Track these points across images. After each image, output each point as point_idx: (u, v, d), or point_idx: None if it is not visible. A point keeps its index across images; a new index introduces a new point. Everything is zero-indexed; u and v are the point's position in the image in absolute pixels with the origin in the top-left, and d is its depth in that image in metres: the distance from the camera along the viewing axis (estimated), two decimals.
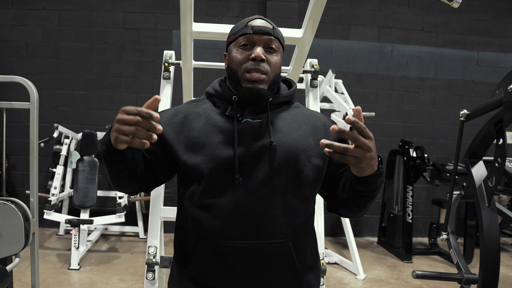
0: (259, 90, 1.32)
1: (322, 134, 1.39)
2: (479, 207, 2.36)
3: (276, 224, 1.28)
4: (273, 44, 1.36)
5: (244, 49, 1.35)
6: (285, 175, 1.30)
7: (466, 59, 6.24)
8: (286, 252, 1.31)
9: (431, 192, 6.11)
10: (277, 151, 1.30)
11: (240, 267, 1.29)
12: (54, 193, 4.62)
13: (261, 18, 1.39)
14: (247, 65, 1.33)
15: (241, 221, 1.27)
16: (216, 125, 1.34)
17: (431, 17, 6.14)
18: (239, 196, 1.27)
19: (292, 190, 1.31)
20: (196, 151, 1.31)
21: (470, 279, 2.38)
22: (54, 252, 4.72)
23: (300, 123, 1.40)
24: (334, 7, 5.95)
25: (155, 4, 5.82)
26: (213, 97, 1.43)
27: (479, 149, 2.49)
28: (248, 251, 1.28)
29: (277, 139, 1.32)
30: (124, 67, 5.84)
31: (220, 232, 1.28)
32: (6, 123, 5.58)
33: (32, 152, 2.61)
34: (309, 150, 1.34)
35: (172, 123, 1.36)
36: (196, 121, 1.36)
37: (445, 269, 4.72)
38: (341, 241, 5.70)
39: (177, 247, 1.42)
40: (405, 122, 6.09)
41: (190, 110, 1.40)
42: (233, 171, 1.27)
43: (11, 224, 2.40)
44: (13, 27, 5.76)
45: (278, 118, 1.38)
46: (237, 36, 1.37)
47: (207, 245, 1.30)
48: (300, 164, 1.32)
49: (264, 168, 1.29)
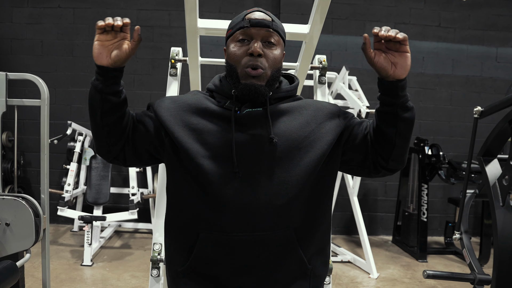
0: (257, 87, 1.28)
1: (323, 116, 1.35)
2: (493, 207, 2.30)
3: (278, 213, 1.26)
4: (272, 38, 1.31)
5: (242, 44, 1.31)
6: (287, 164, 1.27)
7: (485, 55, 6.11)
8: (289, 241, 1.28)
9: (448, 190, 6.02)
10: (278, 141, 1.27)
11: (243, 258, 1.27)
12: (68, 189, 4.65)
13: (260, 11, 1.35)
14: (245, 60, 1.29)
15: (243, 213, 1.25)
16: (214, 115, 1.31)
17: (448, 12, 6.03)
18: (240, 187, 1.25)
19: (294, 179, 1.27)
20: (193, 136, 1.28)
21: (483, 280, 2.32)
22: (67, 248, 4.76)
23: (301, 110, 1.36)
24: (349, 3, 5.89)
25: (169, 1, 5.83)
26: (213, 93, 1.40)
27: (493, 147, 2.43)
28: (251, 242, 1.26)
29: (277, 129, 1.29)
30: (138, 65, 5.86)
31: (222, 225, 1.26)
32: (22, 120, 5.67)
33: (43, 149, 2.62)
34: (311, 136, 1.30)
35: (169, 108, 1.34)
36: (194, 109, 1.33)
37: (460, 269, 4.64)
38: (355, 239, 5.65)
39: (171, 246, 1.39)
40: (421, 120, 5.99)
41: (189, 98, 1.37)
42: (232, 162, 1.25)
43: (21, 220, 2.42)
44: (29, 25, 5.82)
45: (279, 109, 1.34)
46: (235, 30, 1.33)
47: (209, 237, 1.27)
48: (302, 151, 1.29)
49: (265, 158, 1.27)
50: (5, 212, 2.41)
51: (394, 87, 1.22)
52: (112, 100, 1.25)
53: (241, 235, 1.25)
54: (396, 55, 1.20)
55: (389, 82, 1.22)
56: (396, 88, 1.22)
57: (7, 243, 2.44)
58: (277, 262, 1.29)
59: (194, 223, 1.30)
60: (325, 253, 1.42)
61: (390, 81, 1.22)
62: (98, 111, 1.26)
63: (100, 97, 1.24)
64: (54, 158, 5.64)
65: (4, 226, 2.41)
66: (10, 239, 2.43)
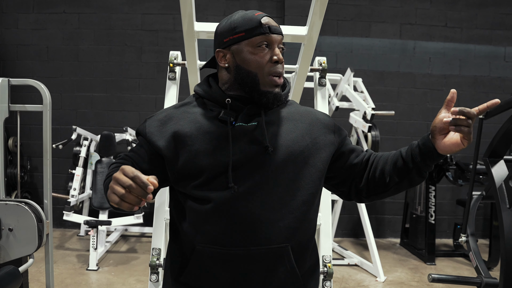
0: (280, 96, 1.30)
1: (318, 130, 1.35)
2: (500, 208, 2.27)
3: (274, 228, 1.24)
4: (282, 43, 1.32)
5: (263, 50, 1.28)
6: (282, 179, 1.25)
7: (492, 54, 6.04)
8: (285, 256, 1.26)
9: (456, 192, 5.95)
10: (273, 154, 1.25)
11: (238, 273, 1.26)
12: (74, 194, 4.66)
13: (268, 16, 1.33)
14: (270, 68, 1.28)
15: (239, 228, 1.23)
16: (208, 132, 1.27)
17: (455, 12, 5.97)
18: (236, 202, 1.23)
19: (290, 194, 1.26)
20: (190, 159, 1.26)
21: (490, 283, 2.28)
22: (74, 253, 4.77)
23: (296, 122, 1.34)
24: (354, 4, 5.85)
25: (173, 5, 5.83)
26: (204, 99, 1.35)
27: (499, 148, 2.40)
28: (246, 257, 1.24)
29: (273, 142, 1.27)
30: (143, 69, 5.87)
31: (218, 239, 1.24)
32: (28, 125, 5.70)
33: (45, 154, 2.63)
34: (306, 151, 1.29)
35: (163, 132, 1.30)
36: (187, 128, 1.28)
37: (469, 271, 4.58)
38: (362, 242, 5.60)
39: (172, 253, 1.38)
40: (428, 121, 5.93)
41: (180, 116, 1.32)
42: (228, 178, 1.23)
43: (24, 225, 2.42)
44: (34, 31, 5.85)
45: (273, 120, 1.31)
46: (252, 35, 1.28)
47: (204, 251, 1.26)
48: (298, 166, 1.27)
49: (261, 172, 1.24)
50: (8, 217, 2.41)
51: (436, 158, 1.25)
52: None
53: (237, 249, 1.24)
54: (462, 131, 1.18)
55: (437, 154, 1.24)
56: (435, 160, 1.25)
57: (10, 248, 2.44)
58: (272, 277, 1.27)
59: (191, 236, 1.28)
60: (317, 270, 1.42)
61: (439, 153, 1.24)
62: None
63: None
64: (61, 162, 5.66)
65: (7, 231, 2.41)
66: (13, 244, 2.43)
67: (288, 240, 1.26)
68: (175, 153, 1.27)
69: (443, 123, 1.18)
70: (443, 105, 1.20)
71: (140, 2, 5.84)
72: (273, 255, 1.25)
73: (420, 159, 1.25)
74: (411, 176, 1.28)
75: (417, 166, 1.26)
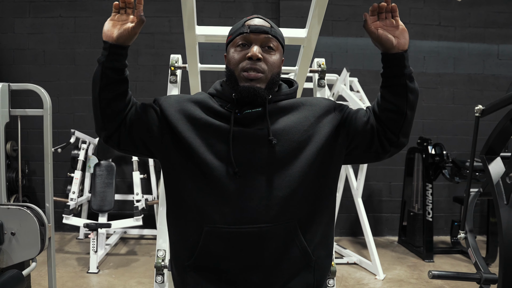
0: (256, 89, 1.32)
1: (320, 110, 1.39)
2: (497, 205, 2.30)
3: (281, 205, 1.29)
4: (271, 43, 1.35)
5: (241, 49, 1.35)
6: (288, 158, 1.31)
7: (486, 52, 6.10)
8: (292, 232, 1.31)
9: (452, 189, 6.00)
10: (278, 139, 1.31)
11: (247, 250, 1.29)
12: (73, 197, 4.67)
13: (259, 17, 1.38)
14: (244, 64, 1.33)
15: (246, 205, 1.27)
16: (217, 113, 1.35)
17: (448, 11, 6.02)
18: (242, 181, 1.28)
19: (296, 171, 1.30)
20: (196, 131, 1.32)
21: (489, 279, 2.31)
22: (73, 256, 4.78)
23: (298, 106, 1.40)
24: (348, 4, 5.89)
25: (169, 8, 5.85)
26: (215, 97, 1.43)
27: (496, 145, 2.43)
28: (255, 234, 1.28)
29: (278, 125, 1.33)
30: (140, 71, 5.89)
31: (226, 218, 1.28)
32: (26, 129, 5.69)
33: (46, 158, 2.64)
34: (310, 130, 1.34)
35: (174, 104, 1.38)
36: (199, 105, 1.37)
37: (467, 268, 4.62)
38: (361, 240, 5.63)
39: (176, 240, 1.41)
40: (424, 119, 5.98)
41: (194, 96, 1.41)
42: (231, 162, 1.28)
43: (27, 229, 2.44)
44: (30, 35, 5.86)
45: (277, 107, 1.37)
46: (234, 36, 1.37)
47: (213, 231, 1.29)
48: (302, 145, 1.32)
49: (266, 154, 1.30)
50: (11, 221, 2.42)
51: (401, 57, 1.32)
52: (111, 76, 1.32)
53: (245, 227, 1.27)
54: (394, 30, 1.32)
55: (394, 53, 1.32)
56: (403, 58, 1.32)
57: (13, 252, 2.45)
58: (282, 253, 1.31)
59: (198, 217, 1.32)
60: (328, 246, 1.44)
61: (395, 52, 1.32)
62: (97, 85, 1.33)
63: (100, 71, 1.32)
64: (59, 166, 5.66)
65: (10, 235, 2.43)
66: (16, 248, 2.44)
67: (295, 215, 1.31)
68: (182, 120, 1.34)
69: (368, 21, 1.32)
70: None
71: None
72: (281, 231, 1.29)
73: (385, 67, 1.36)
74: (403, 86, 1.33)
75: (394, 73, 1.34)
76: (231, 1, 5.88)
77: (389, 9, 1.31)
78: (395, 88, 1.33)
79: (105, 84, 1.32)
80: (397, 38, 1.31)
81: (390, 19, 1.31)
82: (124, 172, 5.94)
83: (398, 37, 1.31)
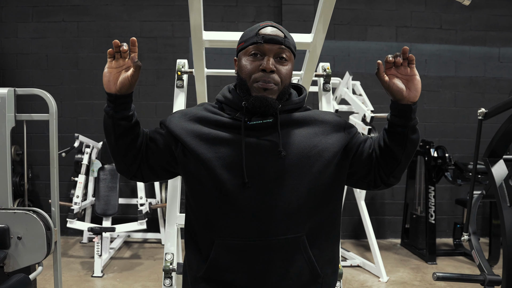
0: (268, 100, 1.32)
1: (330, 127, 1.40)
2: (501, 207, 2.31)
3: (290, 219, 1.30)
4: (284, 53, 1.34)
5: (254, 59, 1.34)
6: (297, 172, 1.31)
7: (487, 55, 6.12)
8: (301, 246, 1.32)
9: (455, 192, 6.01)
10: (286, 152, 1.31)
11: (257, 263, 1.30)
12: (77, 201, 4.69)
13: (273, 26, 1.37)
14: (257, 75, 1.32)
15: (256, 219, 1.28)
16: (225, 126, 1.35)
17: (449, 14, 6.05)
18: (252, 194, 1.28)
19: (305, 186, 1.31)
20: (205, 145, 1.33)
21: (493, 281, 2.33)
22: (78, 260, 4.79)
23: (309, 120, 1.40)
24: (350, 8, 5.92)
25: (171, 12, 5.88)
26: (223, 104, 1.43)
27: (499, 148, 2.45)
28: (264, 247, 1.29)
29: (288, 138, 1.33)
30: (143, 76, 5.90)
31: (235, 231, 1.30)
32: (29, 134, 5.68)
33: (52, 163, 2.66)
34: (319, 145, 1.35)
35: (180, 121, 1.39)
36: (205, 120, 1.37)
37: (470, 270, 4.63)
38: (364, 243, 5.64)
39: (190, 251, 1.42)
40: (425, 122, 6.00)
41: (199, 112, 1.41)
42: (243, 172, 1.29)
43: (33, 233, 2.45)
44: (34, 40, 5.88)
45: (288, 119, 1.37)
46: (247, 45, 1.36)
47: (223, 244, 1.31)
48: (312, 160, 1.33)
49: (276, 166, 1.30)
50: (17, 226, 2.44)
51: (408, 109, 1.30)
52: (123, 124, 1.33)
53: (254, 240, 1.29)
54: (407, 79, 1.29)
55: (403, 105, 1.30)
56: (410, 110, 1.30)
57: (20, 256, 2.46)
58: (290, 267, 1.32)
59: (209, 230, 1.34)
60: (335, 262, 1.45)
61: (404, 104, 1.30)
62: (112, 135, 1.34)
63: (112, 123, 1.32)
64: (62, 170, 5.66)
65: (16, 239, 2.44)
66: (22, 253, 2.46)
67: (304, 230, 1.32)
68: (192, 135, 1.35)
69: (381, 69, 1.30)
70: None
71: (139, 9, 5.88)
72: (290, 245, 1.30)
73: (391, 114, 1.34)
74: (404, 136, 1.33)
75: (399, 123, 1.32)
76: (234, 5, 5.91)
77: (406, 57, 1.28)
78: (396, 136, 1.34)
79: (120, 134, 1.34)
80: (408, 90, 1.29)
81: (406, 67, 1.29)
82: None
83: (409, 88, 1.29)
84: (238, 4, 5.91)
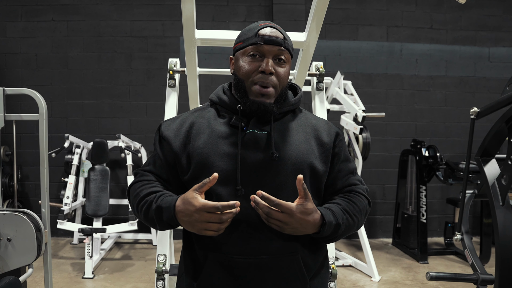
0: (266, 105, 1.30)
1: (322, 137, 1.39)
2: (493, 206, 2.31)
3: (284, 238, 1.27)
4: (283, 55, 1.33)
5: (253, 60, 1.32)
6: (292, 187, 1.27)
7: (477, 55, 6.16)
8: (295, 266, 1.30)
9: (445, 191, 6.04)
10: (280, 162, 1.29)
11: (250, 281, 1.28)
12: (67, 202, 4.64)
13: (272, 26, 1.34)
14: (256, 77, 1.31)
15: (250, 236, 1.26)
16: (220, 136, 1.32)
17: (440, 14, 6.08)
18: (247, 210, 1.25)
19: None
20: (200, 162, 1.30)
21: (486, 280, 2.33)
22: (68, 261, 4.74)
23: (307, 135, 1.38)
24: (341, 8, 5.92)
25: (162, 12, 5.84)
26: (217, 105, 1.40)
27: (491, 147, 2.45)
28: (256, 265, 1.27)
29: (283, 151, 1.31)
30: (133, 75, 5.87)
31: (229, 247, 1.28)
32: (18, 134, 5.64)
33: (42, 163, 2.63)
34: (310, 159, 1.33)
35: (178, 135, 1.36)
36: (200, 132, 1.34)
37: (461, 269, 4.66)
38: (355, 243, 5.65)
39: (187, 259, 1.40)
40: (416, 121, 6.03)
41: (194, 120, 1.38)
42: (236, 181, 1.26)
43: (23, 235, 2.42)
44: (23, 39, 5.82)
45: (285, 129, 1.35)
46: (246, 45, 1.33)
47: (216, 259, 1.29)
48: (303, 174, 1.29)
49: (271, 181, 1.28)
50: (7, 227, 2.40)
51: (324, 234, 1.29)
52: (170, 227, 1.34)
53: (247, 258, 1.27)
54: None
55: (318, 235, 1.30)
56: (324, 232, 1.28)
57: (9, 258, 2.43)
58: (283, 284, 1.30)
59: (204, 244, 1.31)
60: (325, 278, 1.45)
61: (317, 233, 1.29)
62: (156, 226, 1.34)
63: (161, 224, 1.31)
64: (52, 171, 5.61)
65: (6, 241, 2.41)
66: (12, 255, 2.42)
67: (299, 249, 1.30)
68: (188, 156, 1.32)
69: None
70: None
71: (129, 9, 5.84)
72: (283, 264, 1.28)
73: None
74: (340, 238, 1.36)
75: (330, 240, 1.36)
76: (225, 4, 5.89)
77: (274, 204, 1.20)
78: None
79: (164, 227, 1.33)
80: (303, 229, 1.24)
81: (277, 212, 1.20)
82: (118, 177, 5.91)
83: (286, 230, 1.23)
84: (229, 4, 5.89)
